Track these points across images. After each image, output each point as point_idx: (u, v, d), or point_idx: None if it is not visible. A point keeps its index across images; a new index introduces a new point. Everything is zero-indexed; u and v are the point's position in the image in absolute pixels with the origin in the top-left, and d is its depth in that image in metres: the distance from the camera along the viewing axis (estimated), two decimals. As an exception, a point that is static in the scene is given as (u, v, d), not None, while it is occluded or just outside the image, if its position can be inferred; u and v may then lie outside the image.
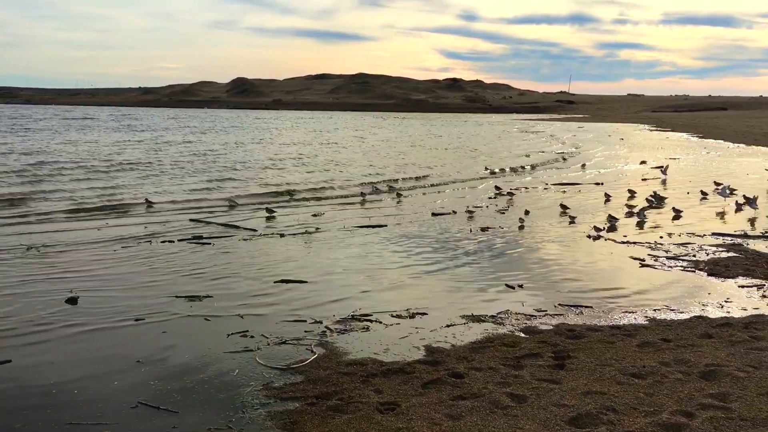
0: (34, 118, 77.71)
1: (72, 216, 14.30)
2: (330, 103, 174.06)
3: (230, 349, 6.66)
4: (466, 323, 7.67)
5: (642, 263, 10.59)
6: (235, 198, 17.10)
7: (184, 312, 7.77)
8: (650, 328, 7.59)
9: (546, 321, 7.82)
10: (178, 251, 10.89)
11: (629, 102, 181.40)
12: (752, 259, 10.83)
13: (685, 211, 15.43)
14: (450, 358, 6.55)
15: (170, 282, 9.04)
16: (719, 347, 6.91)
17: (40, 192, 17.23)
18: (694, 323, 7.75)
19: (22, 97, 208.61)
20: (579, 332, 7.39)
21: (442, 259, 10.86)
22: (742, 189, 17.91)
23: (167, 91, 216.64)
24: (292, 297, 8.54)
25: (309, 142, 44.55)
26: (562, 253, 11.38)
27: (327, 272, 9.81)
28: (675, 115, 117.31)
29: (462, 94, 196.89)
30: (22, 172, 21.74)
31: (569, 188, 20.61)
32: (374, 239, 12.31)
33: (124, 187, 19.08)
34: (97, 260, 10.20)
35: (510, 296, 8.81)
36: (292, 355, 6.53)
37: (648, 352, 6.79)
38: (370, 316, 7.81)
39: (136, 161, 27.18)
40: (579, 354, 6.69)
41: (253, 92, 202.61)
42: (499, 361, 6.48)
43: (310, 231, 12.87)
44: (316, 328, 7.35)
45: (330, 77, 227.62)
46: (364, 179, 22.39)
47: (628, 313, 8.13)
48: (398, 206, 16.73)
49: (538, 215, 15.18)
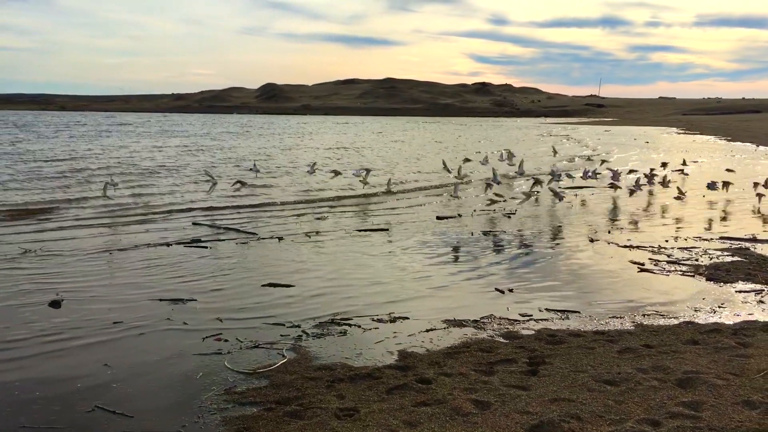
0: (69, 123, 79.05)
1: (81, 221, 14.42)
2: (357, 108, 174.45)
3: (201, 353, 6.63)
4: (446, 328, 7.56)
5: (640, 267, 10.36)
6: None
7: (164, 315, 7.76)
8: (635, 333, 7.40)
9: (529, 326, 7.67)
10: (172, 255, 10.92)
11: (660, 105, 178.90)
12: (756, 264, 10.54)
13: (695, 214, 15.11)
14: (422, 363, 6.44)
15: (157, 285, 9.05)
16: (702, 354, 6.70)
17: (65, 199, 17.40)
18: (681, 329, 7.54)
19: (57, 103, 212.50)
20: (560, 337, 7.23)
21: (437, 262, 10.75)
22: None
23: (198, 96, 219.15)
24: (276, 301, 8.50)
25: (337, 146, 44.58)
26: (559, 256, 11.19)
27: (317, 276, 9.76)
28: (706, 118, 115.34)
29: (490, 98, 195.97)
30: (53, 178, 22.02)
31: (582, 192, 20.29)
32: (374, 242, 12.23)
33: (150, 194, 19.13)
34: (90, 263, 10.25)
35: (498, 300, 8.66)
36: (262, 359, 6.48)
37: (627, 358, 6.61)
38: (350, 320, 7.73)
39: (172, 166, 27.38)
40: (555, 360, 6.53)
41: (282, 98, 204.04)
42: (471, 367, 6.36)
43: (309, 234, 12.83)
44: (293, 332, 7.30)
45: (358, 82, 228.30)
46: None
47: (615, 318, 7.94)
48: (396, 211, 16.62)
49: (542, 218, 14.97)
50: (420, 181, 23.83)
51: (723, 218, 15.22)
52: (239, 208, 16.46)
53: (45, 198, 17.47)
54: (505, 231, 13.41)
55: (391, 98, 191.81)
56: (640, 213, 16.05)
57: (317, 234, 12.99)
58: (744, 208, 16.96)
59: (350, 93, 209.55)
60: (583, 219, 15.03)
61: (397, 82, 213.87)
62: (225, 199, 17.88)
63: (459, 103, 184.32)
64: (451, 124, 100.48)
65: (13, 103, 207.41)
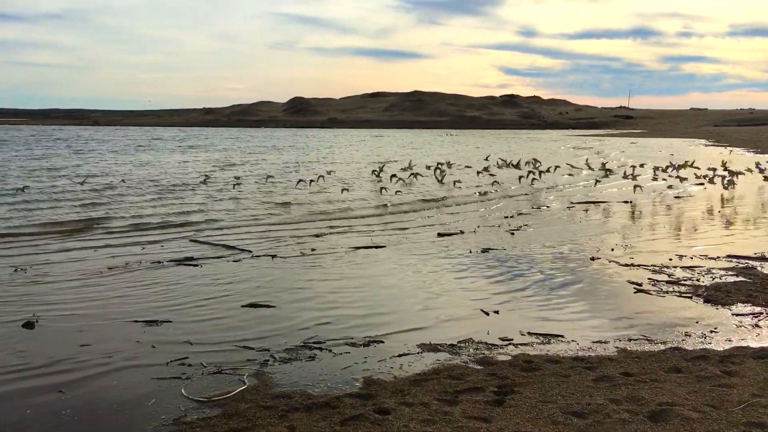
0: (100, 139, 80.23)
1: (74, 236, 14.44)
2: (384, 121, 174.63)
3: (161, 377, 6.48)
4: (420, 353, 7.31)
5: (637, 288, 10.00)
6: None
7: (135, 337, 7.63)
8: (617, 360, 7.08)
9: (507, 351, 7.39)
10: (161, 273, 10.82)
11: (691, 116, 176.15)
12: (759, 285, 10.10)
13: (708, 229, 14.65)
14: (385, 392, 6.21)
15: (138, 306, 8.94)
16: (683, 383, 6.37)
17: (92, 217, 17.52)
18: (667, 355, 7.21)
19: (91, 119, 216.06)
20: (536, 364, 6.94)
21: (428, 281, 10.51)
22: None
23: (227, 111, 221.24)
24: (253, 322, 8.33)
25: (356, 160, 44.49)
26: (554, 275, 10.85)
27: (300, 296, 9.58)
28: (738, 129, 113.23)
29: (517, 110, 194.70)
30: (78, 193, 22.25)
31: (594, 207, 19.88)
32: (369, 260, 12.03)
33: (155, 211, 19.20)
34: (76, 282, 10.19)
35: (481, 322, 8.39)
36: (221, 386, 6.30)
37: (602, 387, 6.30)
38: (322, 343, 7.53)
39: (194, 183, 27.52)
40: (525, 389, 6.25)
41: (309, 111, 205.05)
42: (435, 396, 6.11)
43: (305, 253, 12.67)
44: (261, 356, 7.11)
45: (385, 95, 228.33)
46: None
47: (599, 343, 7.62)
48: (395, 230, 16.38)
49: (548, 234, 14.63)
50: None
51: (736, 233, 14.72)
52: (251, 225, 16.39)
53: (62, 215, 17.58)
54: (504, 248, 13.11)
55: (417, 111, 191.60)
56: (653, 227, 15.61)
57: (312, 251, 12.82)
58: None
59: (377, 106, 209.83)
60: (591, 235, 14.65)
61: (423, 94, 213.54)
62: (236, 214, 17.85)
63: (486, 116, 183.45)
64: (472, 137, 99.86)
65: (51, 118, 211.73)
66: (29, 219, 16.65)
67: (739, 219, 17.31)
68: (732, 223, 16.66)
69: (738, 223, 16.66)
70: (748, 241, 13.84)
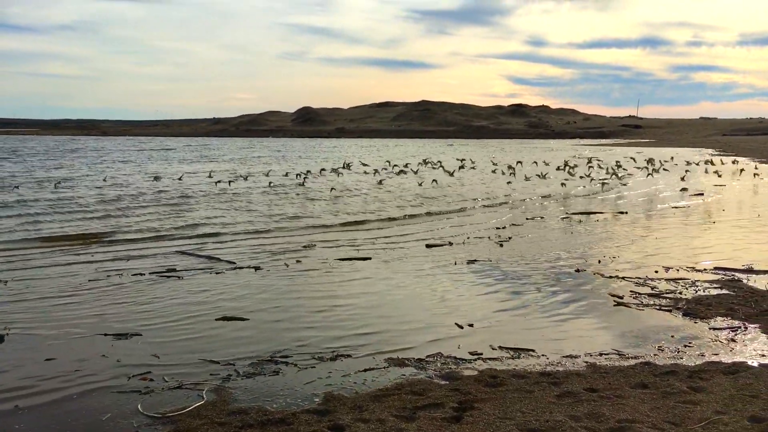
0: (108, 149, 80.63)
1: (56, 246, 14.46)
2: (391, 131, 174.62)
3: (122, 391, 6.44)
4: (386, 367, 7.24)
5: (617, 301, 9.90)
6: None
7: (102, 351, 7.60)
8: (584, 375, 6.99)
9: (475, 366, 7.31)
10: (141, 286, 10.79)
11: (700, 126, 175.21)
12: (742, 298, 9.98)
13: (701, 240, 14.52)
14: (343, 408, 6.14)
15: (111, 318, 8.92)
16: (647, 399, 6.28)
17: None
18: (636, 370, 7.11)
19: (100, 129, 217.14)
20: (501, 379, 6.86)
21: (408, 294, 10.45)
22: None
23: (236, 121, 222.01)
24: (224, 336, 8.29)
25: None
26: (536, 288, 10.76)
27: (276, 310, 9.52)
28: (746, 138, 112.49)
29: (525, 119, 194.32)
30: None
31: (588, 217, 19.75)
32: (352, 272, 11.98)
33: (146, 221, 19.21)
34: (53, 294, 10.18)
35: (454, 336, 8.31)
36: (179, 401, 6.25)
37: (564, 403, 6.21)
38: (289, 357, 7.48)
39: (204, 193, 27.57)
40: (485, 405, 6.17)
41: (317, 121, 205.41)
42: (393, 412, 6.04)
43: (289, 264, 12.63)
44: (225, 370, 7.06)
45: (393, 105, 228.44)
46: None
47: (569, 358, 7.53)
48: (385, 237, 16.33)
49: (538, 245, 14.54)
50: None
51: (729, 242, 14.58)
52: (239, 234, 16.39)
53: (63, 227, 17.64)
54: (490, 260, 13.03)
55: (425, 120, 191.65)
56: (644, 238, 15.49)
57: (297, 263, 12.78)
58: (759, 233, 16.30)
59: (385, 116, 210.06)
60: (580, 246, 14.55)
61: (431, 104, 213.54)
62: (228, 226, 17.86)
63: (493, 125, 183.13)
64: (472, 146, 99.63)
65: (61, 128, 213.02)
66: (22, 232, 16.66)
67: (733, 227, 17.16)
68: (726, 231, 16.52)
69: (733, 231, 16.52)
70: (740, 251, 13.69)
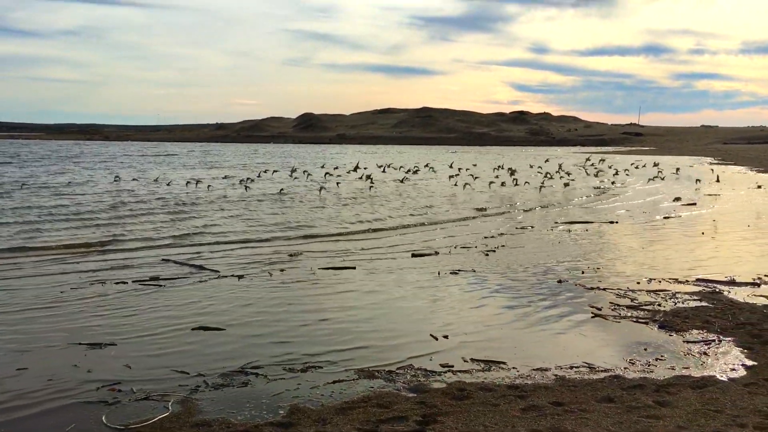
0: (111, 154, 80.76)
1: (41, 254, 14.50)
2: (392, 137, 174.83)
3: (88, 401, 6.47)
4: (356, 378, 7.26)
5: (595, 313, 9.91)
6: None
7: (74, 361, 7.63)
8: (552, 388, 7.01)
9: (444, 378, 7.33)
10: (121, 294, 10.82)
11: (701, 134, 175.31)
12: (720, 310, 9.99)
13: (688, 250, 14.53)
14: (307, 420, 6.16)
15: (87, 328, 8.94)
16: (611, 414, 6.29)
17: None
18: (604, 384, 7.12)
19: (102, 134, 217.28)
20: (469, 392, 6.87)
21: (390, 304, 10.47)
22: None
23: (237, 126, 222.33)
24: (198, 346, 8.32)
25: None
26: (516, 299, 10.78)
27: (253, 319, 9.55)
28: (746, 147, 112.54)
29: (526, 126, 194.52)
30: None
31: (577, 227, 19.76)
32: (338, 282, 12.01)
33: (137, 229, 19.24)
34: (33, 303, 10.20)
35: (428, 347, 8.32)
36: (145, 413, 6.27)
37: (528, 417, 6.23)
38: (260, 368, 7.50)
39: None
40: (449, 418, 6.19)
41: (318, 127, 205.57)
42: (356, 425, 6.05)
43: (272, 273, 12.66)
44: (194, 381, 7.09)
45: (394, 111, 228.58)
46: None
47: (539, 371, 7.54)
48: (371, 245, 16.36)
49: (524, 255, 14.55)
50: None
51: (706, 256, 14.60)
52: (226, 243, 16.44)
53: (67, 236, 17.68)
54: (474, 270, 13.05)
55: (426, 127, 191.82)
56: (631, 248, 15.50)
57: (281, 272, 12.81)
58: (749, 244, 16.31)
59: (386, 122, 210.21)
60: (566, 256, 14.56)
61: (433, 111, 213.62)
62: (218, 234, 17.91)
63: (495, 132, 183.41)
64: (466, 153, 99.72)
65: (64, 133, 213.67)
66: (16, 240, 16.69)
67: (721, 238, 17.18)
68: (714, 242, 16.54)
69: (721, 242, 16.53)
70: (725, 262, 13.71)
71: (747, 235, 18.14)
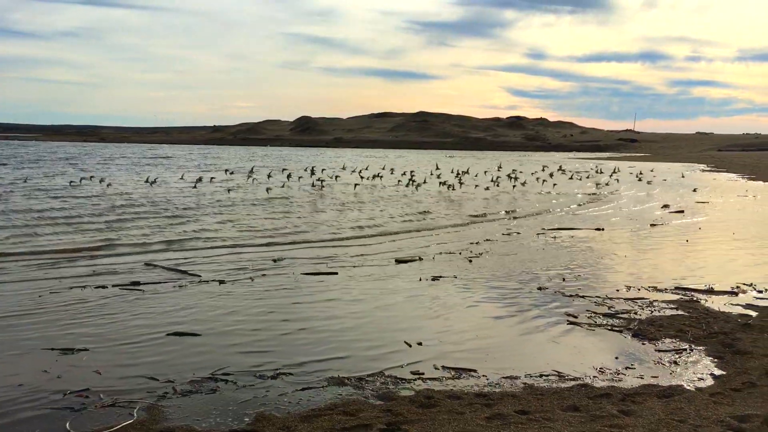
0: (109, 156, 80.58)
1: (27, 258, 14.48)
2: (388, 141, 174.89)
3: (54, 408, 6.48)
4: (325, 386, 7.29)
5: (570, 321, 9.95)
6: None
7: (44, 366, 7.64)
8: (519, 396, 7.04)
9: (413, 386, 7.35)
10: (100, 299, 10.82)
11: (696, 140, 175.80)
12: (695, 319, 10.05)
13: (672, 257, 14.58)
14: (271, 428, 6.18)
15: (61, 333, 8.93)
16: (574, 423, 6.32)
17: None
18: (571, 393, 7.16)
19: (99, 135, 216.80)
20: (436, 400, 6.90)
21: (368, 310, 10.50)
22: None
23: (234, 129, 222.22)
24: (172, 352, 8.33)
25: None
26: (493, 306, 10.82)
27: (230, 325, 9.56)
28: (740, 154, 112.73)
29: (522, 132, 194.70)
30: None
31: (563, 233, 19.81)
32: (318, 287, 12.02)
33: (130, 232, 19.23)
34: (8, 307, 10.20)
35: (400, 354, 8.35)
36: (109, 420, 6.28)
37: (492, 426, 6.26)
38: (230, 375, 7.52)
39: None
40: (414, 427, 6.22)
41: (315, 130, 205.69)
42: (320, 433, 6.08)
43: (254, 278, 12.68)
44: (163, 388, 7.10)
45: (391, 115, 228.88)
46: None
47: (509, 379, 7.58)
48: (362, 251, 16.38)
49: (506, 262, 14.59)
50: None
51: (689, 264, 14.65)
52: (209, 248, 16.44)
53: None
54: (456, 276, 13.08)
55: (422, 132, 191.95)
56: (615, 256, 15.54)
57: (263, 276, 12.83)
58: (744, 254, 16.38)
59: (383, 126, 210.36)
60: (549, 263, 14.60)
61: (429, 115, 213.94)
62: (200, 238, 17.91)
63: (490, 137, 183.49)
64: (461, 158, 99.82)
65: (62, 134, 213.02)
66: (5, 245, 16.69)
67: (706, 246, 17.25)
68: (698, 250, 16.61)
69: (705, 249, 16.61)
70: (706, 270, 13.77)
71: (732, 244, 18.21)
